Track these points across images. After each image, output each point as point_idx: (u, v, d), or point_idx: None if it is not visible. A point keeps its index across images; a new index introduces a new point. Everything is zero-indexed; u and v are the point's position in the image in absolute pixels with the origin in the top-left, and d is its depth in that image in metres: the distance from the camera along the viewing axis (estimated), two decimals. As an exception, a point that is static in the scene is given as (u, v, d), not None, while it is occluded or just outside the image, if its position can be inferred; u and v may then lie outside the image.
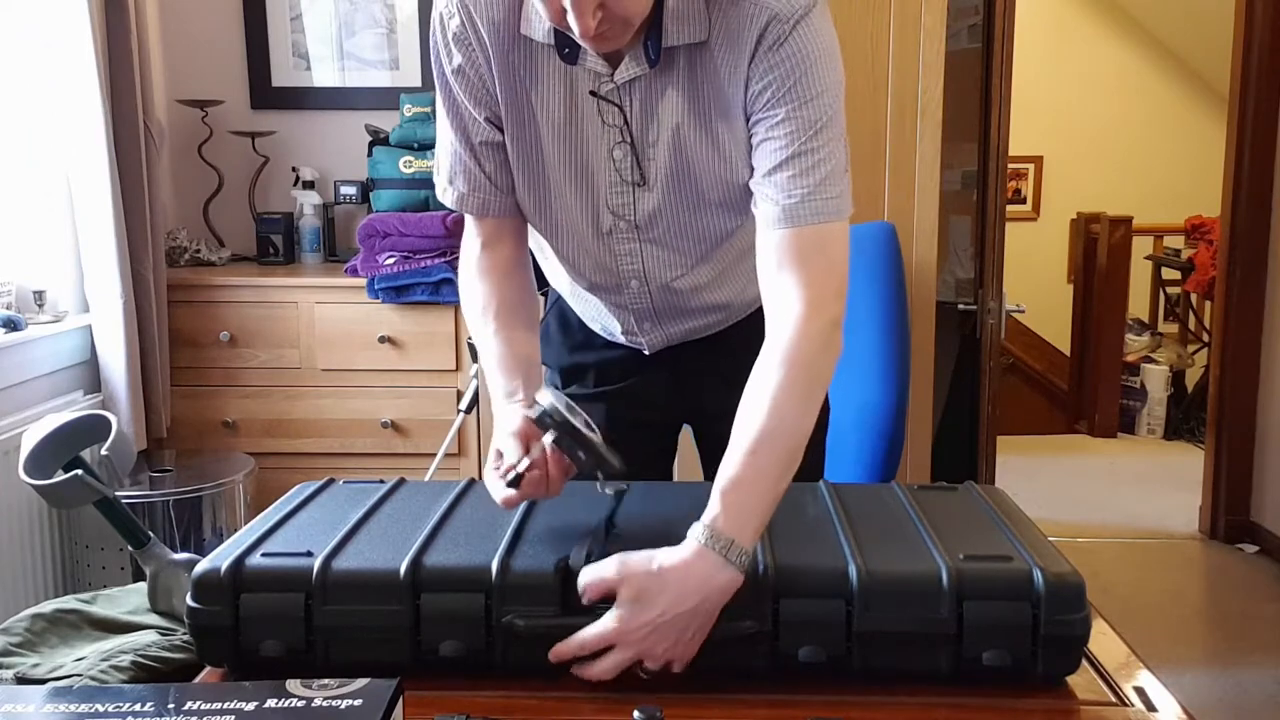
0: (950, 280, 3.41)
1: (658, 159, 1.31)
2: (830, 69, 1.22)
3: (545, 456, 1.16)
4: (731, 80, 1.24)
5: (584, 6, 1.10)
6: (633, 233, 1.37)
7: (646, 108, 1.28)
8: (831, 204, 1.22)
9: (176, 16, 3.35)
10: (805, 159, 1.21)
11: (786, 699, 1.02)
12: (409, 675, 0.91)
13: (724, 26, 1.22)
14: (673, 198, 1.34)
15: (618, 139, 1.30)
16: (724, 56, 1.23)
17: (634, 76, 1.25)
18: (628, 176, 1.32)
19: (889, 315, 2.27)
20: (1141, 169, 6.09)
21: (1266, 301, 3.90)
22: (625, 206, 1.35)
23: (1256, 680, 2.99)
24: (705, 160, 1.30)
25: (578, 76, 1.27)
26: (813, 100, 1.21)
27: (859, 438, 2.17)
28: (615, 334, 1.54)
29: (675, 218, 1.36)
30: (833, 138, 1.23)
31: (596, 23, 1.12)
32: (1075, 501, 4.52)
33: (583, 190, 1.35)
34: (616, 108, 1.28)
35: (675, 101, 1.27)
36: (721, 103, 1.25)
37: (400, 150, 3.15)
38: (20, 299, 2.76)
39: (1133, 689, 1.05)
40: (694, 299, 1.46)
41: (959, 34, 3.23)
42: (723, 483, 1.09)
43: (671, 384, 1.56)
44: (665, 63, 1.24)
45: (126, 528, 1.34)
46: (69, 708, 0.82)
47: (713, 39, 1.22)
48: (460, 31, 1.28)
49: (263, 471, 2.90)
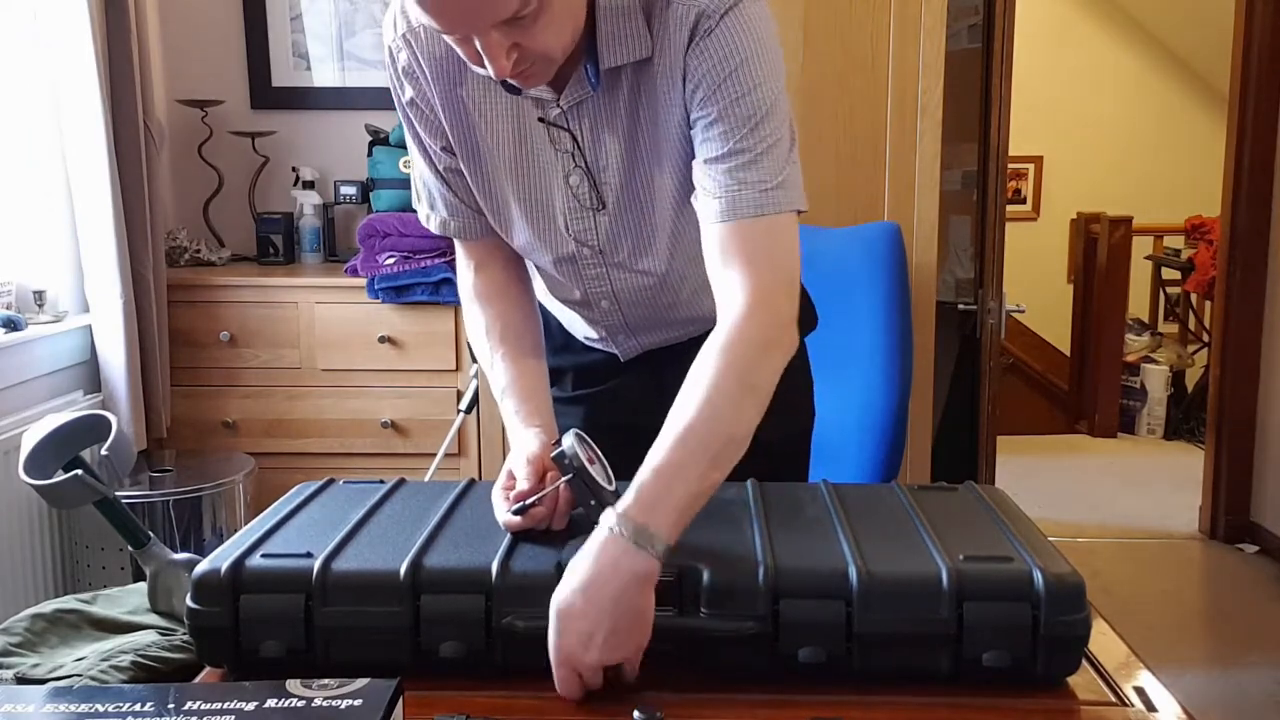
0: (950, 280, 3.41)
1: (613, 182, 1.28)
2: (765, 60, 1.18)
3: (557, 493, 1.15)
4: (670, 85, 1.20)
5: (495, 50, 1.07)
6: (597, 257, 1.36)
7: (596, 131, 1.25)
8: (772, 195, 1.18)
9: (176, 16, 3.35)
10: (743, 155, 1.18)
11: (786, 699, 1.02)
12: (409, 675, 0.91)
13: (664, 37, 1.18)
14: (633, 219, 1.32)
15: (571, 165, 1.28)
16: (663, 64, 1.20)
17: (579, 100, 1.23)
18: (586, 202, 1.30)
19: (891, 315, 2.27)
20: (1141, 169, 6.08)
21: (1266, 301, 3.90)
22: (587, 232, 1.33)
23: (1256, 680, 2.99)
24: (660, 178, 1.27)
25: (524, 106, 1.25)
26: (748, 94, 1.17)
27: (859, 438, 2.17)
28: (592, 339, 1.53)
29: (637, 239, 1.34)
30: (772, 130, 1.19)
31: (512, 63, 1.08)
32: (1075, 501, 4.52)
33: (542, 219, 1.33)
34: (567, 133, 1.25)
35: (624, 121, 1.24)
36: (669, 116, 1.22)
37: (400, 150, 3.15)
38: (20, 299, 2.76)
39: (1133, 689, 1.05)
40: (666, 313, 1.44)
41: (959, 34, 3.23)
42: (643, 472, 1.06)
43: (651, 387, 1.54)
44: (610, 83, 1.22)
45: (126, 528, 1.34)
46: (69, 708, 0.82)
47: (656, 53, 1.19)
48: (408, 65, 1.27)
49: (263, 471, 2.90)
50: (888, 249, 2.39)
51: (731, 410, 1.11)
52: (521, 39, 1.07)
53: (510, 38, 1.06)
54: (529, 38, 1.07)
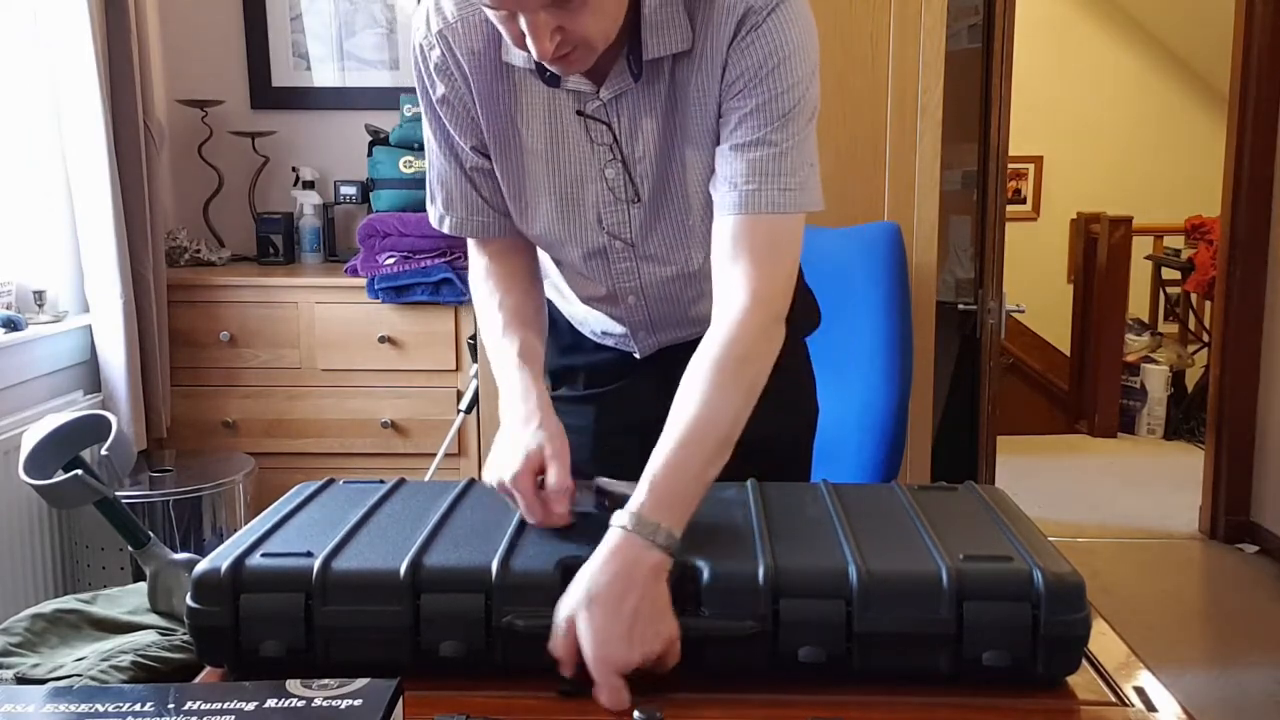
0: (950, 280, 3.41)
1: (649, 173, 1.29)
2: (805, 59, 1.21)
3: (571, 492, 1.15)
4: (711, 77, 1.22)
5: (539, 31, 1.09)
6: (628, 250, 1.37)
7: (634, 123, 1.26)
8: (790, 196, 1.21)
9: (176, 16, 3.35)
10: (771, 147, 1.20)
11: (786, 699, 1.02)
12: (409, 675, 0.91)
13: (706, 29, 1.20)
14: (666, 211, 1.33)
15: (609, 157, 1.28)
16: (708, 59, 1.21)
17: (619, 92, 1.24)
18: (621, 194, 1.31)
19: (891, 316, 2.27)
20: (1141, 169, 6.08)
21: (1266, 301, 3.90)
22: (621, 225, 1.34)
23: (1256, 680, 2.99)
24: (695, 169, 1.28)
25: (561, 100, 1.26)
26: (786, 92, 1.20)
27: (860, 438, 2.17)
28: (610, 334, 1.54)
29: (669, 231, 1.35)
30: (801, 128, 1.22)
31: (555, 45, 1.10)
32: (1075, 501, 4.52)
33: (574, 213, 1.33)
34: (605, 125, 1.26)
35: (662, 113, 1.25)
36: (704, 107, 1.24)
37: (400, 150, 3.15)
38: (20, 299, 2.76)
39: (1133, 689, 1.05)
40: (691, 309, 1.45)
41: (959, 34, 3.23)
42: (652, 470, 1.09)
43: (663, 386, 1.54)
44: (650, 75, 1.23)
45: (126, 528, 1.34)
46: (69, 708, 0.82)
47: (697, 45, 1.21)
48: (441, 62, 1.27)
49: (263, 471, 2.90)
50: (888, 249, 2.38)
51: (729, 409, 1.14)
52: (566, 22, 1.09)
53: (556, 19, 1.09)
54: (574, 21, 1.10)
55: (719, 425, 1.13)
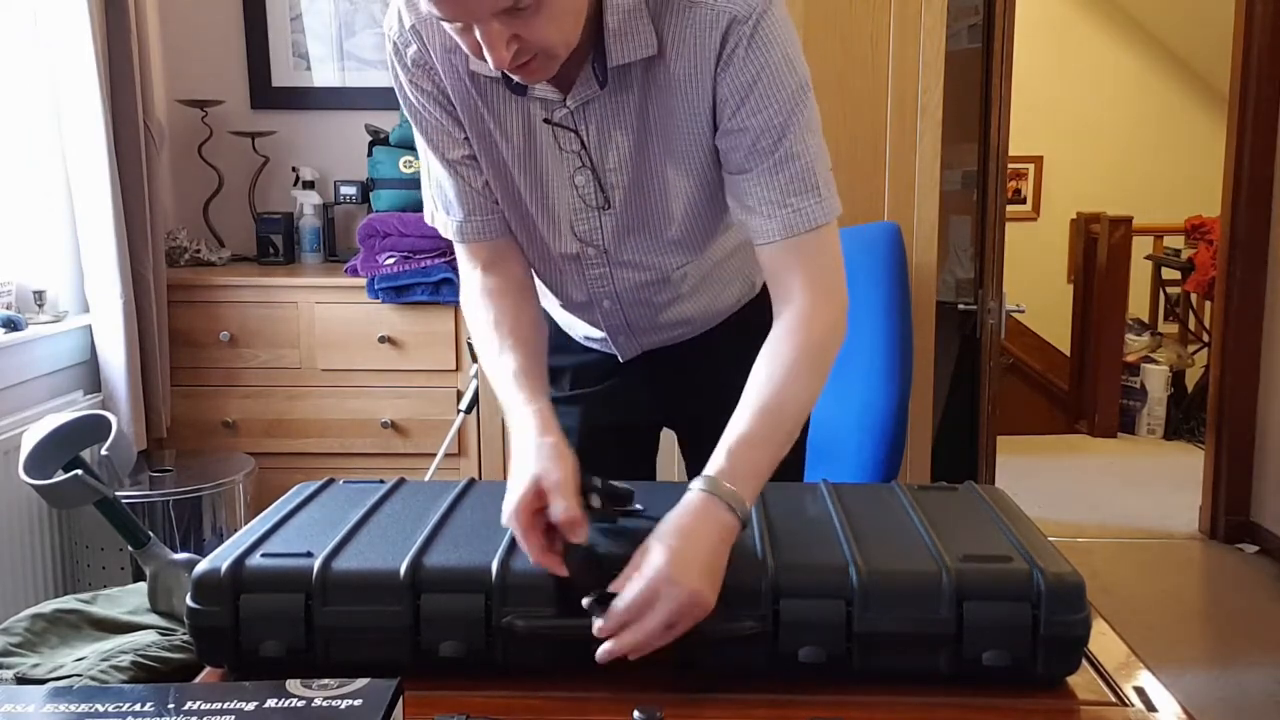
0: (950, 280, 3.41)
1: (619, 181, 1.28)
2: (797, 65, 1.20)
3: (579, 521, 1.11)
4: (694, 89, 1.20)
5: (494, 40, 1.06)
6: (601, 257, 1.36)
7: (603, 130, 1.25)
8: (824, 206, 1.22)
9: (176, 16, 3.35)
10: (795, 161, 1.20)
11: (786, 699, 1.02)
12: (409, 675, 0.91)
13: (680, 36, 1.18)
14: (643, 221, 1.32)
15: (577, 165, 1.27)
16: (684, 66, 1.19)
17: (587, 99, 1.22)
18: (591, 201, 1.30)
19: (891, 316, 2.27)
20: (1141, 169, 6.08)
21: (1266, 301, 3.90)
22: (592, 232, 1.33)
23: (1256, 680, 2.99)
24: (669, 177, 1.27)
25: (532, 106, 1.24)
26: (793, 99, 1.19)
27: (860, 438, 2.17)
28: (592, 339, 1.53)
29: (646, 241, 1.34)
30: (809, 135, 1.21)
31: (512, 55, 1.08)
32: (1075, 501, 4.52)
33: (550, 217, 1.33)
34: (573, 133, 1.25)
35: (632, 120, 1.24)
36: (682, 114, 1.22)
37: (400, 150, 3.15)
38: (20, 299, 2.76)
39: (1133, 689, 1.05)
40: (667, 313, 1.45)
41: (959, 34, 3.23)
42: (730, 439, 1.12)
43: (649, 387, 1.55)
44: (618, 81, 1.21)
45: (126, 528, 1.34)
46: (69, 708, 0.82)
47: (669, 51, 1.19)
48: (419, 56, 1.25)
49: (263, 471, 2.90)
50: (888, 249, 2.39)
51: (804, 392, 1.18)
52: (522, 30, 1.07)
53: (511, 28, 1.06)
54: (529, 29, 1.07)
55: (794, 405, 1.16)
